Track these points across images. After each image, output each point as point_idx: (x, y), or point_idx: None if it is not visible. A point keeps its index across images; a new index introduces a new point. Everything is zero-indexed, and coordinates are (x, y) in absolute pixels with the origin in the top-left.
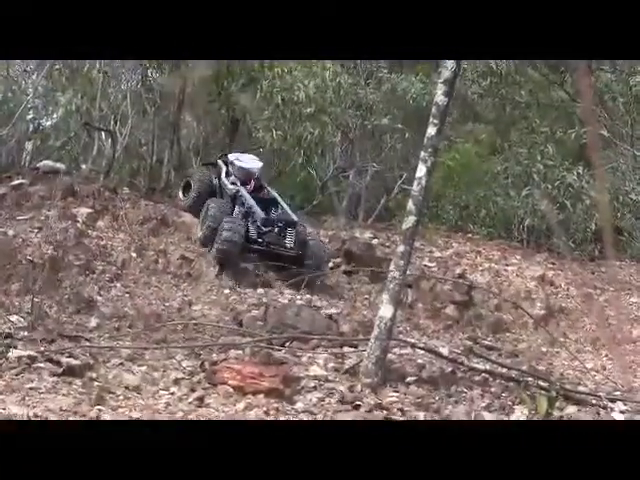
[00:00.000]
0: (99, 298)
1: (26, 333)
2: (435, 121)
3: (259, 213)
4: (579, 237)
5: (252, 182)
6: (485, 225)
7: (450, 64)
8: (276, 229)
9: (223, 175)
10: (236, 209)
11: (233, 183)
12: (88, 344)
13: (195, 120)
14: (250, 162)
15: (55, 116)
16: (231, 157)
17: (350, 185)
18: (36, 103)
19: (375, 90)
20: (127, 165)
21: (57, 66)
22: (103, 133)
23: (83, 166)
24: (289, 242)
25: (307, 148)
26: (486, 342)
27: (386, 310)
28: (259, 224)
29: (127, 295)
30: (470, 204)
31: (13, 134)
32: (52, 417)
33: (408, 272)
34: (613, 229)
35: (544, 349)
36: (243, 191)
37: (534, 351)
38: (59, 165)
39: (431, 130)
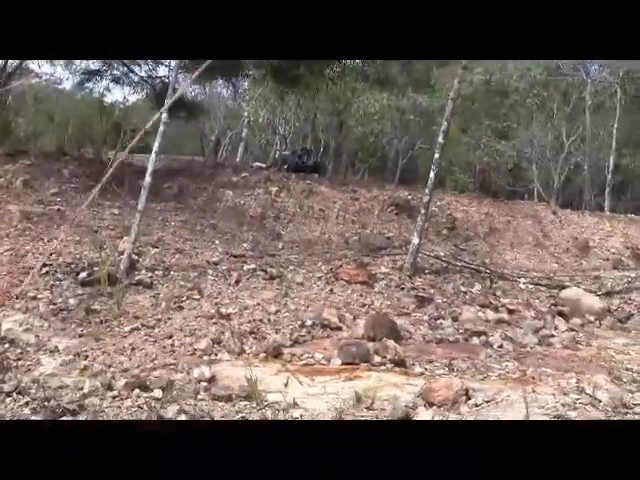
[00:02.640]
0: (282, 232)
1: (250, 253)
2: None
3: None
4: None
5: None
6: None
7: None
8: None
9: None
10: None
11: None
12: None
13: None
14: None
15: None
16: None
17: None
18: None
19: None
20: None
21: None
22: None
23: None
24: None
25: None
26: (461, 247)
27: (415, 239)
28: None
29: (295, 230)
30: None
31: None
32: (264, 304)
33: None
34: None
35: (488, 249)
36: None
37: (482, 250)
38: (261, 164)
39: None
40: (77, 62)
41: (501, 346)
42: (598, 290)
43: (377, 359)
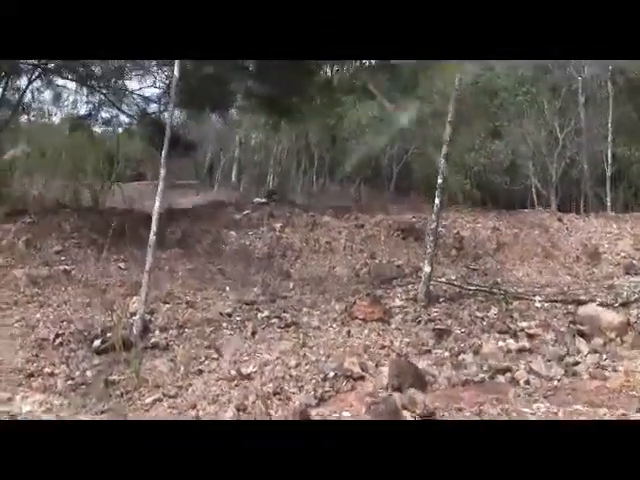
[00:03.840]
0: (291, 270)
1: (262, 298)
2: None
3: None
4: None
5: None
6: None
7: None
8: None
9: None
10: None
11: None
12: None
13: None
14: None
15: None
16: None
17: None
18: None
19: None
20: None
21: None
22: None
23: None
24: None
25: None
26: (471, 267)
27: (427, 267)
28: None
29: (304, 266)
30: None
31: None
32: (283, 357)
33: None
34: None
35: (499, 267)
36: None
37: (493, 268)
38: (263, 200)
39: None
40: (65, 102)
41: (528, 382)
42: (614, 301)
43: (407, 415)
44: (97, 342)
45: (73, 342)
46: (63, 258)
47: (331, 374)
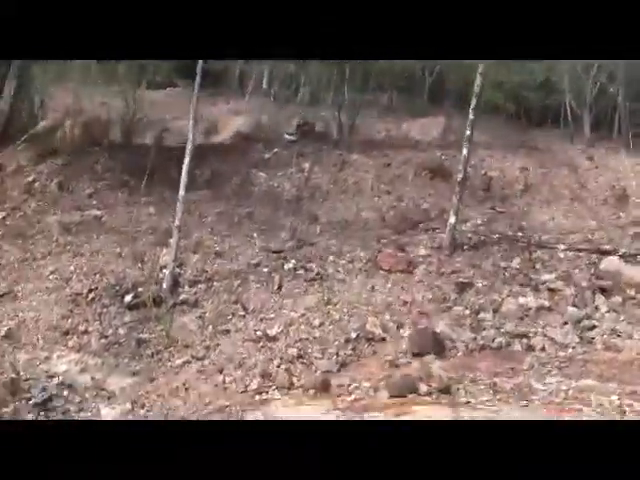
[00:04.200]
0: (319, 212)
1: (289, 244)
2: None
3: None
4: None
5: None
6: None
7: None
8: None
9: None
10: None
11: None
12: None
13: None
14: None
15: None
16: None
17: None
18: None
19: None
20: None
21: None
22: None
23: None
24: None
25: None
26: (498, 209)
27: (452, 217)
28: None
29: (332, 209)
30: None
31: None
32: (308, 315)
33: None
34: None
35: (525, 209)
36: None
37: (520, 211)
38: (292, 137)
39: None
40: None
41: (543, 349)
42: (638, 253)
43: (423, 388)
44: (128, 297)
45: (105, 297)
46: (94, 202)
47: (353, 335)
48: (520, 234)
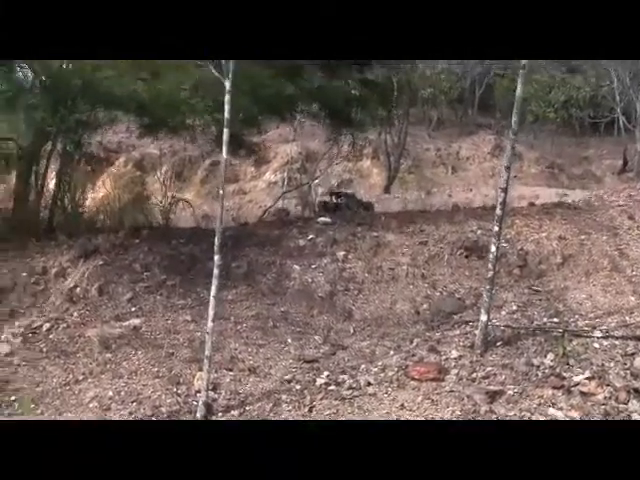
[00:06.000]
0: (353, 307)
1: (322, 350)
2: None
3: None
4: None
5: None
6: None
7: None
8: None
9: None
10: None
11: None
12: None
13: None
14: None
15: None
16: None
17: None
18: None
19: None
20: None
21: None
22: None
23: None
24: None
25: None
26: (534, 288)
27: (483, 315)
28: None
29: (366, 302)
30: None
31: None
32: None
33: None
34: None
35: (562, 286)
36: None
37: (557, 289)
38: (327, 219)
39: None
40: None
41: None
42: None
43: None
44: None
45: None
46: (133, 309)
47: None
48: (556, 320)
